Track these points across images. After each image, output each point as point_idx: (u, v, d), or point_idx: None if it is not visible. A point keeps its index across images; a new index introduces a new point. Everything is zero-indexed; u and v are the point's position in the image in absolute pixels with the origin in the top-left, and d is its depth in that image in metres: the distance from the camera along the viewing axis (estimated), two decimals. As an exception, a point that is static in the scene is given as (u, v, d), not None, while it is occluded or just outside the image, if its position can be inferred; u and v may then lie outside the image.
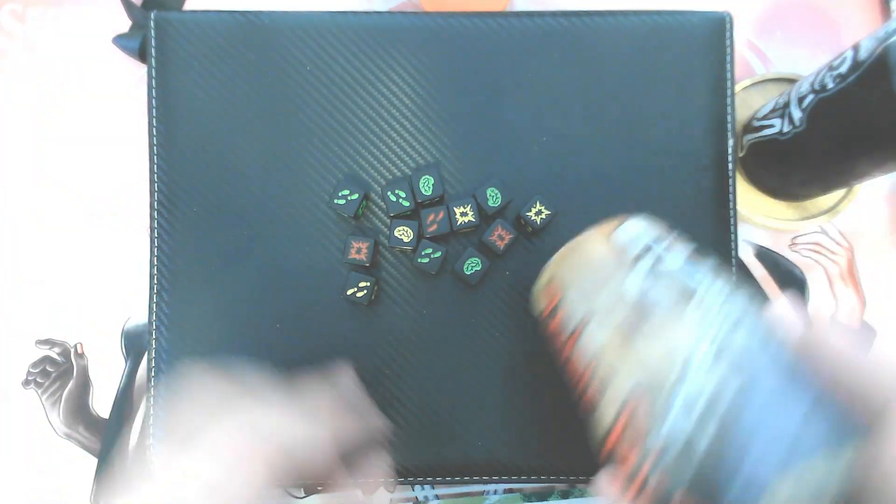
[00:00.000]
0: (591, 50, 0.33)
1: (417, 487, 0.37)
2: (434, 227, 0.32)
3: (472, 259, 0.32)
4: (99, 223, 0.39)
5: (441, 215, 0.32)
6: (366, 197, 0.33)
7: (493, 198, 0.32)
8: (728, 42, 0.34)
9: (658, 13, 0.34)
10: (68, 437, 0.37)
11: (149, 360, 0.33)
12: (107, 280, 0.38)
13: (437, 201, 0.33)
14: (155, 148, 0.33)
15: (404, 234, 0.32)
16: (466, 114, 0.33)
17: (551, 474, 0.33)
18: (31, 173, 0.39)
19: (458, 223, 0.32)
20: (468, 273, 0.32)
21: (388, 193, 0.32)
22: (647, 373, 0.21)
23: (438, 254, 0.32)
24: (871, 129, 0.29)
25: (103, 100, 0.40)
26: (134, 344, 0.38)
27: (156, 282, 0.33)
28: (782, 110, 0.33)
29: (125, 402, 0.38)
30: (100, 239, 0.39)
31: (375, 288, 0.33)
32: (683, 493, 0.19)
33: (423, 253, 0.32)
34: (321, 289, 0.33)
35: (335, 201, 0.32)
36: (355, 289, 0.32)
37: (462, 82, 0.33)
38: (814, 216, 0.38)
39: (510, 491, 0.37)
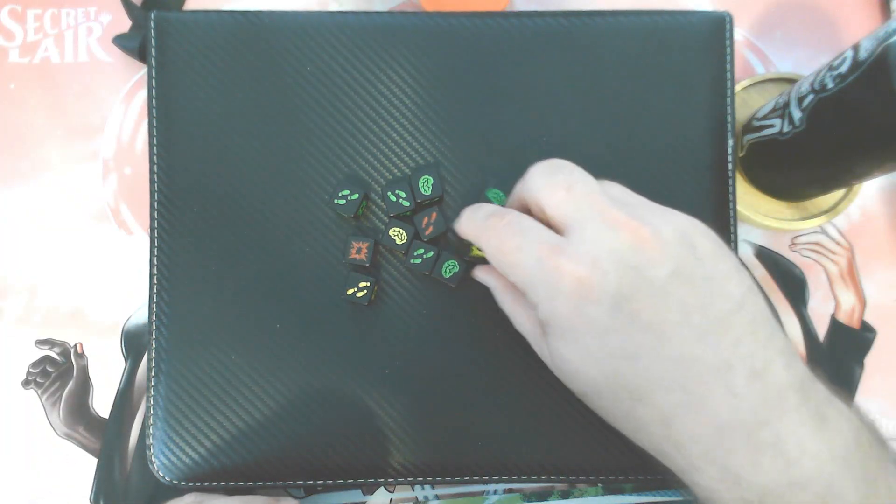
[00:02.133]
0: (591, 50, 0.33)
1: (417, 487, 0.37)
2: (430, 230, 0.32)
3: (449, 262, 0.32)
4: (99, 223, 0.39)
5: (434, 216, 0.32)
6: (366, 197, 0.33)
7: (497, 198, 0.32)
8: (728, 42, 0.34)
9: (658, 13, 0.34)
10: (68, 437, 0.37)
11: (149, 360, 0.33)
12: (107, 280, 0.38)
13: (437, 201, 0.33)
14: (155, 148, 0.33)
15: (398, 235, 0.32)
16: (466, 114, 0.33)
17: (551, 474, 0.33)
18: (31, 173, 0.39)
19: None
20: (447, 277, 0.32)
21: (388, 193, 0.32)
22: None
23: (431, 254, 0.32)
24: (871, 129, 0.29)
25: (103, 100, 0.40)
26: (134, 344, 0.38)
27: (156, 282, 0.33)
28: (782, 110, 0.33)
29: (125, 402, 0.38)
30: (100, 239, 0.39)
31: (375, 288, 0.33)
32: None
33: (415, 254, 0.32)
34: (321, 289, 0.33)
35: (335, 201, 0.32)
36: (355, 289, 0.32)
37: (462, 82, 0.33)
38: (814, 216, 0.38)
39: (510, 491, 0.37)
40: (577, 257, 0.23)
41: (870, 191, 0.39)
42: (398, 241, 0.32)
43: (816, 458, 0.22)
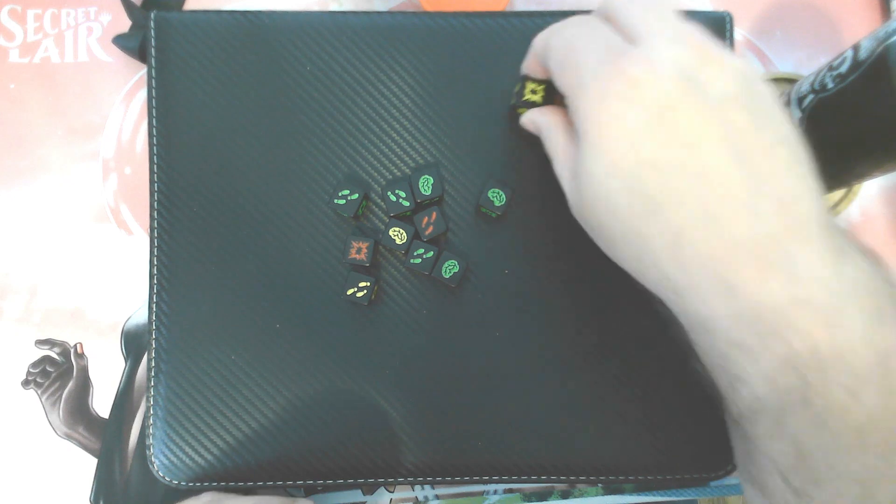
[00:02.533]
0: (591, 50, 0.33)
1: (417, 487, 0.37)
2: (431, 230, 0.32)
3: (449, 262, 0.32)
4: (99, 223, 0.39)
5: (434, 216, 0.32)
6: (365, 197, 0.33)
7: (498, 198, 0.32)
8: (728, 42, 0.34)
9: (658, 13, 0.34)
10: (68, 437, 0.37)
11: (149, 360, 0.33)
12: (107, 280, 0.38)
13: (437, 201, 0.33)
14: (155, 148, 0.33)
15: (398, 235, 0.32)
16: (466, 114, 0.33)
17: (552, 474, 0.33)
18: (31, 173, 0.39)
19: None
20: (447, 277, 0.32)
21: (388, 193, 0.32)
22: None
23: (431, 254, 0.32)
24: (871, 129, 0.29)
25: (103, 100, 0.40)
26: (134, 344, 0.38)
27: (156, 282, 0.33)
28: (782, 110, 0.33)
29: (125, 402, 0.38)
30: (100, 239, 0.39)
31: (375, 288, 0.33)
32: None
33: (415, 254, 0.32)
34: (321, 289, 0.33)
35: (335, 201, 0.32)
36: (355, 289, 0.32)
37: (462, 82, 0.33)
38: (814, 216, 0.38)
39: (510, 491, 0.37)
40: (637, 61, 0.23)
41: (870, 191, 0.39)
42: (398, 241, 0.32)
43: (826, 285, 0.21)
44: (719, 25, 0.34)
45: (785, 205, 0.22)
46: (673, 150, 0.22)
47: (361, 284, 0.32)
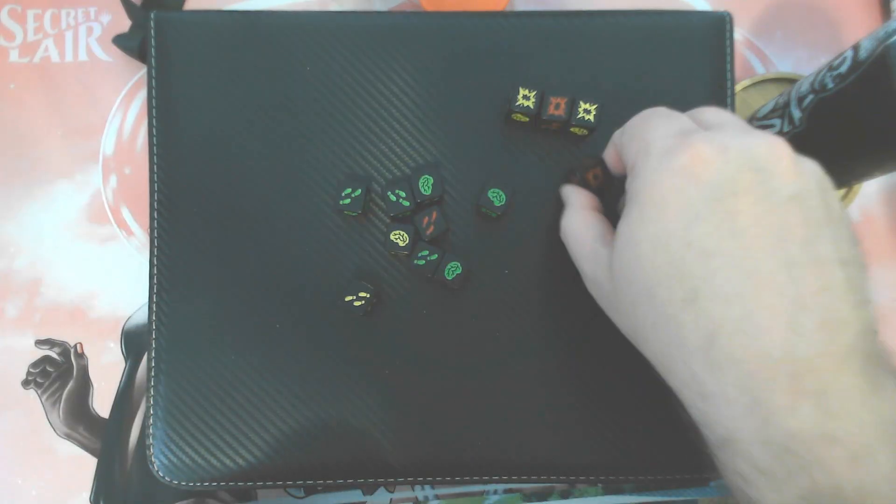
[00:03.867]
0: (591, 50, 0.33)
1: (417, 487, 0.37)
2: (431, 230, 0.32)
3: (452, 264, 0.32)
4: (99, 223, 0.39)
5: (435, 216, 0.32)
6: (368, 190, 0.33)
7: (498, 198, 0.32)
8: (728, 42, 0.34)
9: (658, 13, 0.34)
10: (68, 437, 0.37)
11: (149, 360, 0.33)
12: (107, 280, 0.38)
13: (437, 201, 0.33)
14: (155, 148, 0.33)
15: (400, 238, 0.32)
16: (466, 113, 0.33)
17: (552, 474, 0.33)
18: (31, 173, 0.39)
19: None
20: (450, 279, 0.32)
21: (389, 193, 0.32)
22: None
23: (435, 256, 0.32)
24: (872, 129, 0.29)
25: (103, 100, 0.40)
26: (134, 344, 0.38)
27: (156, 282, 0.33)
28: (782, 110, 0.33)
29: (125, 402, 0.38)
30: (100, 239, 0.39)
31: (374, 301, 0.32)
32: None
33: (419, 255, 0.32)
34: (321, 288, 0.33)
35: (341, 202, 0.32)
36: (353, 297, 0.32)
37: (462, 82, 0.33)
38: (814, 216, 0.38)
39: (510, 491, 0.37)
40: (709, 141, 0.22)
41: (870, 191, 0.39)
42: (401, 244, 0.32)
43: (858, 421, 0.20)
44: (719, 25, 0.34)
45: (828, 328, 0.20)
46: (724, 238, 0.21)
47: (361, 294, 0.32)
